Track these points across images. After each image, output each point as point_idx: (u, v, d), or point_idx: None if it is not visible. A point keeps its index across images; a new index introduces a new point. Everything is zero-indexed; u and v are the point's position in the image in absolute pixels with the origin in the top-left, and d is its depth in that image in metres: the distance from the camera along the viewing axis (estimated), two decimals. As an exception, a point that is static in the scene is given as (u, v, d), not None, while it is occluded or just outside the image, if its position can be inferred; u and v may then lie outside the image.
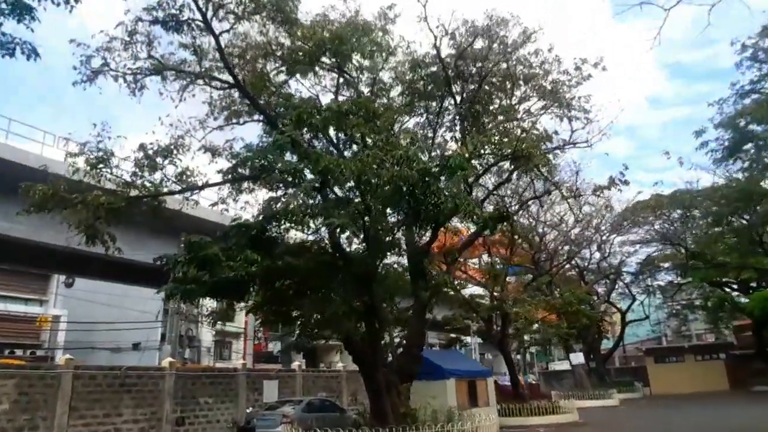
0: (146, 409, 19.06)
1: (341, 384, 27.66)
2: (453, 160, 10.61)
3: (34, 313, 35.06)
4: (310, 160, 10.69)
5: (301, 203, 10.15)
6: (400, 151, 10.44)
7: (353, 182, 10.82)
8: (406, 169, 10.00)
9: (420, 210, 10.91)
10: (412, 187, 10.25)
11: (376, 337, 13.98)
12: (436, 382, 17.02)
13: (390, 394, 14.07)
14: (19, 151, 19.68)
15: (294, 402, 19.21)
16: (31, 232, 21.56)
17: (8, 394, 15.85)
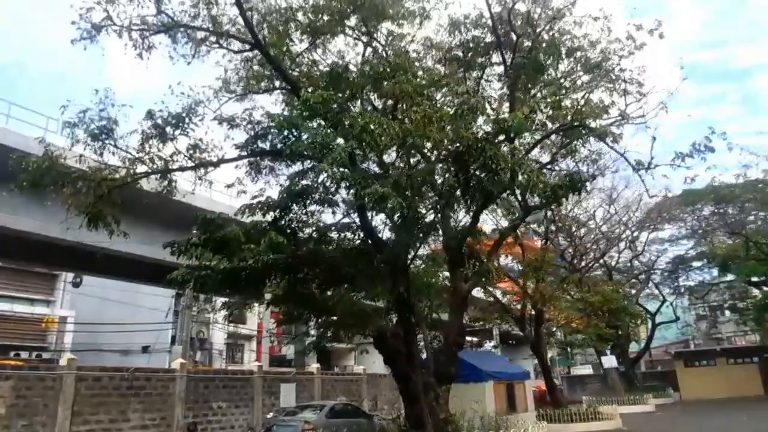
0: (155, 414, 17.59)
1: (361, 387, 26.09)
2: (512, 121, 9.05)
3: (41, 313, 33.74)
4: (343, 125, 9.15)
5: (334, 173, 8.62)
6: (450, 111, 8.93)
7: (396, 148, 9.30)
8: (460, 130, 8.48)
9: (471, 180, 9.36)
10: (465, 151, 8.72)
11: (411, 334, 12.42)
12: (472, 384, 15.45)
13: (427, 398, 12.48)
14: (19, 136, 18.30)
15: (315, 407, 17.64)
16: (37, 226, 20.23)
17: (4, 398, 14.42)
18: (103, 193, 10.51)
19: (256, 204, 10.30)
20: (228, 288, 10.91)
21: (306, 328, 18.29)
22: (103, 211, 10.90)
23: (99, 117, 10.41)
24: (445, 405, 12.85)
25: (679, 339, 54.16)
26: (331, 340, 16.17)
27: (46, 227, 20.29)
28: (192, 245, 9.56)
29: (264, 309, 13.82)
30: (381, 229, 13.22)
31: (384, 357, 13.72)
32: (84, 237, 21.03)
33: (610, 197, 29.97)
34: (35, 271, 34.35)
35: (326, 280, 11.76)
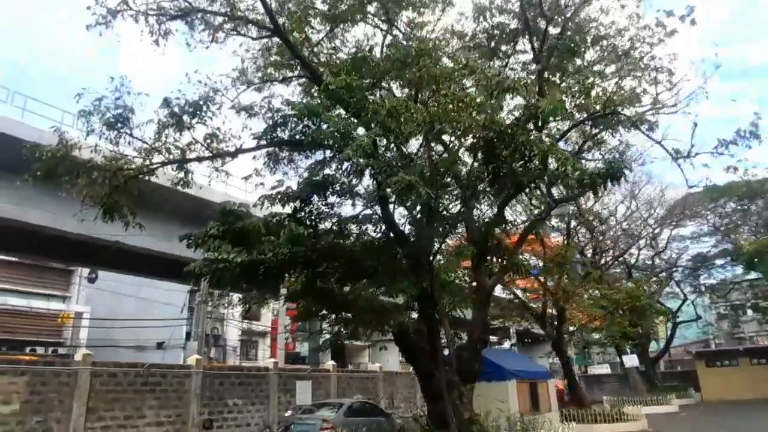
0: (171, 411, 17.32)
1: (378, 385, 25.69)
2: (545, 105, 8.55)
3: (57, 309, 33.75)
4: (366, 111, 8.73)
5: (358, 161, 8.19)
6: (479, 97, 8.47)
7: (421, 135, 8.86)
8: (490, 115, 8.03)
9: (501, 168, 8.90)
10: (495, 138, 8.26)
11: (434, 330, 11.98)
12: (495, 383, 14.98)
13: (451, 396, 12.05)
14: (32, 129, 18.10)
15: (332, 405, 17.27)
16: (50, 220, 20.08)
17: (19, 393, 14.18)
18: (118, 183, 10.21)
19: (275, 195, 9.92)
20: (246, 282, 10.55)
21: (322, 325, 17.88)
22: (119, 202, 10.59)
23: (114, 105, 10.11)
24: (469, 404, 12.42)
25: (700, 338, 53.14)
26: (349, 337, 15.76)
27: (60, 220, 20.15)
28: (210, 237, 9.19)
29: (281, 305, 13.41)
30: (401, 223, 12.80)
31: (405, 354, 13.33)
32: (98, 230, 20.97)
33: (632, 193, 29.27)
34: (51, 267, 34.36)
35: (346, 274, 11.35)
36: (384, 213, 11.11)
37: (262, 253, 9.23)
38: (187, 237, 10.51)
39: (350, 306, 12.01)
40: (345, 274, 11.28)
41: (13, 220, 19.13)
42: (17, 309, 31.68)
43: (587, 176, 8.72)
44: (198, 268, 9.20)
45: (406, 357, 13.26)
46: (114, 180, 10.04)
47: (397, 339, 13.12)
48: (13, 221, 19.24)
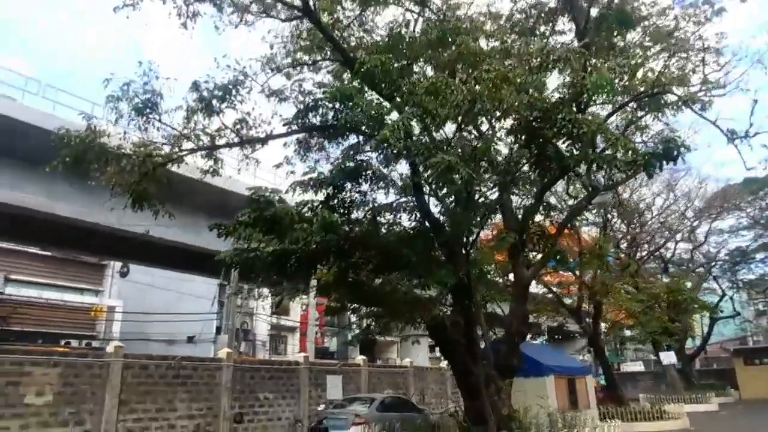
0: (202, 404, 17.21)
1: (408, 380, 25.30)
2: (594, 79, 7.96)
3: (90, 303, 34.23)
4: (402, 92, 8.30)
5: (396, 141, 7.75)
6: (522, 74, 7.95)
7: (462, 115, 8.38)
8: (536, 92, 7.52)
9: (545, 150, 8.38)
10: (540, 117, 7.75)
11: (471, 323, 11.51)
12: (533, 379, 14.44)
13: (488, 392, 11.57)
14: (65, 122, 18.13)
15: (364, 400, 16.95)
16: (81, 213, 20.19)
17: (52, 385, 14.19)
18: (147, 170, 9.98)
19: (307, 181, 9.57)
20: (277, 272, 10.23)
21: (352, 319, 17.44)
22: (148, 189, 10.37)
23: (143, 90, 9.87)
24: (507, 400, 11.93)
25: (737, 335, 51.42)
26: (381, 331, 15.40)
27: (90, 213, 20.23)
28: (240, 224, 8.88)
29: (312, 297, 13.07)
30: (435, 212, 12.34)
31: (441, 348, 12.92)
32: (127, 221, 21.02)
33: (669, 184, 28.20)
34: (84, 262, 34.91)
35: (379, 265, 10.95)
36: (418, 200, 10.67)
37: (294, 242, 8.88)
38: (217, 226, 10.23)
39: (384, 298, 11.62)
40: (378, 264, 10.88)
41: (43, 212, 19.23)
42: (52, 302, 32.17)
43: (640, 156, 8.11)
44: (228, 257, 8.91)
45: (442, 351, 12.83)
46: (143, 167, 9.82)
47: (432, 332, 12.71)
48: (43, 214, 19.35)
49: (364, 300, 11.54)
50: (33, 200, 18.96)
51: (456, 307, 12.06)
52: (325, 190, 9.79)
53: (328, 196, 9.66)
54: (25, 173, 19.08)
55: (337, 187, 9.63)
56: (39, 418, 13.61)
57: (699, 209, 31.84)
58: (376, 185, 10.53)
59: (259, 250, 9.18)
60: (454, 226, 10.73)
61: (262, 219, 8.78)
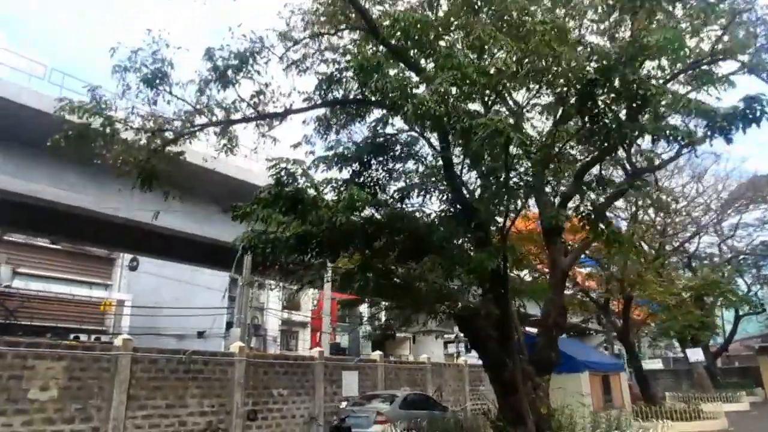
0: (214, 400, 16.44)
1: (426, 377, 24.45)
2: (664, 33, 6.98)
3: (99, 297, 33.63)
4: (438, 55, 7.40)
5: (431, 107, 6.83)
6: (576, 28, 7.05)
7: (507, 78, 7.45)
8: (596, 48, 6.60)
9: (602, 116, 7.44)
10: (597, 77, 6.83)
11: (505, 313, 10.60)
12: (567, 375, 13.54)
13: (525, 389, 10.67)
14: (73, 106, 17.42)
15: (384, 397, 16.12)
16: (90, 202, 19.46)
17: (57, 379, 13.44)
18: (157, 147, 9.13)
19: (331, 156, 8.69)
20: (298, 255, 9.37)
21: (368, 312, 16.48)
22: (157, 168, 9.54)
23: (152, 59, 9.02)
24: (546, 397, 11.02)
25: (761, 333, 50.00)
26: (403, 324, 14.57)
27: (99, 203, 19.51)
28: (260, 202, 8.01)
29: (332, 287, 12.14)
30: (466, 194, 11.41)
31: (470, 342, 12.04)
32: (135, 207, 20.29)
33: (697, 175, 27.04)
34: (94, 255, 34.36)
35: (408, 250, 10.06)
36: (450, 179, 9.75)
37: (318, 222, 8.03)
38: (233, 208, 9.36)
39: (412, 288, 10.74)
40: (407, 249, 9.98)
41: (50, 201, 18.52)
42: (61, 296, 31.61)
43: (720, 118, 7.12)
44: (246, 239, 8.05)
45: (472, 344, 11.95)
46: (152, 142, 8.98)
47: (462, 325, 11.86)
48: (50, 203, 18.65)
49: (389, 290, 10.64)
50: (39, 189, 18.23)
51: (487, 296, 11.13)
52: (350, 168, 8.90)
53: (354, 173, 8.77)
54: (30, 161, 18.37)
55: (364, 163, 8.74)
56: (43, 415, 12.90)
57: (726, 201, 30.60)
58: (404, 162, 9.64)
59: (279, 232, 8.32)
60: (489, 208, 9.81)
61: (284, 196, 7.93)
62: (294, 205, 8.00)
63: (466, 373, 26.72)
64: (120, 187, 10.02)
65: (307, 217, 8.12)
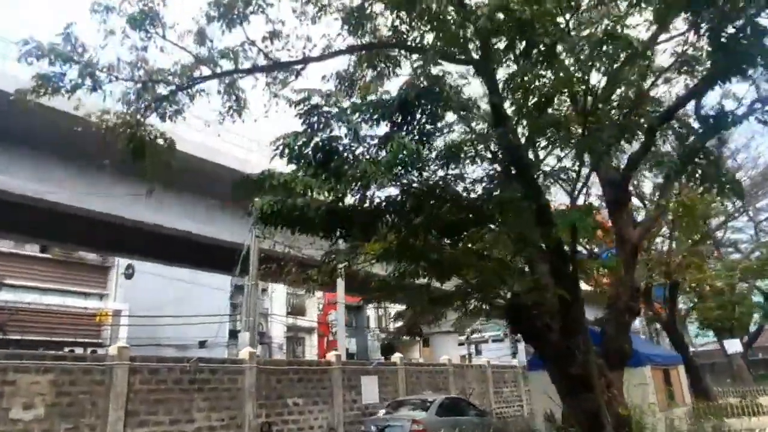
0: (223, 413, 14.66)
1: (448, 380, 22.68)
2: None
3: (94, 307, 31.75)
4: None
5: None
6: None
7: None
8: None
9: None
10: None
11: (573, 297, 8.87)
12: (630, 369, 11.71)
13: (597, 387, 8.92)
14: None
15: (414, 403, 14.36)
16: (79, 199, 17.64)
17: (43, 395, 11.66)
18: (148, 103, 7.38)
19: (367, 104, 6.94)
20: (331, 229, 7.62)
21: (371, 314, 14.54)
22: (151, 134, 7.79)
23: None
24: (620, 396, 9.30)
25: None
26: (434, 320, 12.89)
27: (88, 200, 17.69)
28: (289, 150, 6.22)
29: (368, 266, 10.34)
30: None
31: (525, 334, 10.29)
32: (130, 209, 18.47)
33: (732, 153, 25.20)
34: (87, 264, 32.53)
35: (452, 226, 8.30)
36: (502, 135, 8.01)
37: (357, 179, 6.28)
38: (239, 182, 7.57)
39: (456, 268, 9.01)
40: (452, 225, 8.23)
41: (32, 198, 16.68)
42: (53, 308, 29.72)
43: None
44: (268, 204, 6.29)
45: (527, 337, 10.20)
46: (143, 96, 7.23)
47: (512, 314, 10.11)
48: (33, 200, 16.80)
49: (434, 270, 8.87)
50: (20, 185, 16.42)
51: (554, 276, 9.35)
52: (388, 120, 7.16)
53: (394, 125, 7.04)
54: (9, 154, 16.57)
55: (407, 113, 7.00)
56: (27, 438, 11.15)
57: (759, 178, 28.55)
58: (455, 112, 7.90)
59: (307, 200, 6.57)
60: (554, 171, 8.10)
61: (315, 147, 6.20)
62: (327, 160, 6.29)
63: (489, 375, 24.95)
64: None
65: (342, 177, 6.38)
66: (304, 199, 6.46)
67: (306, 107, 6.32)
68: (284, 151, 6.28)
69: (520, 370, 27.46)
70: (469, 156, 8.35)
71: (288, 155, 6.32)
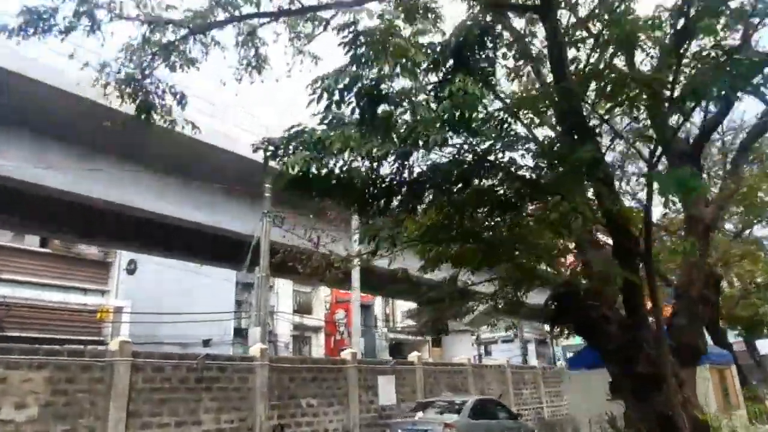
0: (232, 414, 13.55)
1: (467, 380, 21.53)
2: None
3: (94, 304, 30.62)
4: None
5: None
6: None
7: None
8: None
9: None
10: None
11: (635, 283, 7.72)
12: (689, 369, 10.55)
13: (669, 387, 7.76)
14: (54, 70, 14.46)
15: (441, 406, 13.20)
16: (78, 186, 16.50)
17: (37, 394, 10.54)
18: (154, 51, 6.24)
19: (418, 45, 5.74)
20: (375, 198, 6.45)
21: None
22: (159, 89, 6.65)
23: None
24: (694, 398, 8.14)
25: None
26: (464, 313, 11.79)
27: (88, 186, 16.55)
28: (328, 93, 5.05)
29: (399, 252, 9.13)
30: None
31: (577, 326, 9.15)
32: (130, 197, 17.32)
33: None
34: (87, 259, 31.44)
35: (505, 200, 7.13)
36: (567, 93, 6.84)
37: (410, 133, 5.14)
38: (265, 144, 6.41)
39: (507, 249, 7.86)
40: (507, 198, 7.06)
41: (30, 184, 15.54)
42: (52, 304, 28.60)
43: None
44: (303, 161, 5.09)
45: (579, 329, 9.06)
46: (152, 40, 6.09)
47: (562, 302, 9.01)
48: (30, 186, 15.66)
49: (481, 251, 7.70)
50: (16, 169, 15.29)
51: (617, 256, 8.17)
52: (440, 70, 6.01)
53: (447, 72, 5.87)
54: (7, 136, 15.46)
55: (465, 58, 5.85)
56: (19, 441, 10.05)
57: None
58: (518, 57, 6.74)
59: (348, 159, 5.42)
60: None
61: (360, 91, 5.04)
62: (373, 110, 5.15)
63: (509, 376, 23.77)
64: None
65: (391, 131, 5.23)
66: (342, 156, 5.30)
67: (351, 33, 5.11)
68: (323, 96, 5.11)
69: (540, 371, 26.31)
70: (527, 117, 7.19)
71: (327, 100, 5.16)
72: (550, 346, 55.56)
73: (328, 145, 5.46)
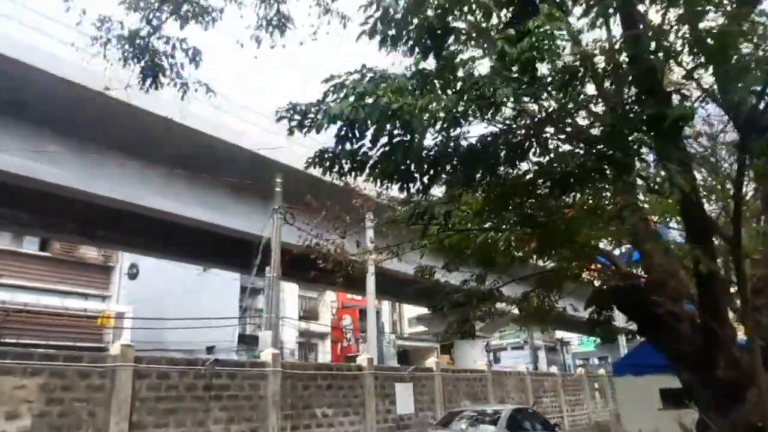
0: (243, 425, 12.52)
1: (486, 387, 20.46)
2: None
3: (95, 309, 29.63)
4: None
5: None
6: None
7: None
8: None
9: None
10: None
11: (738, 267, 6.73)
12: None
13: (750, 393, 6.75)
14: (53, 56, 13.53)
15: (471, 416, 12.14)
16: (78, 180, 15.53)
17: (30, 402, 9.52)
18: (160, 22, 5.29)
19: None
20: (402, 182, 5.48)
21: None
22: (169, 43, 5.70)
23: None
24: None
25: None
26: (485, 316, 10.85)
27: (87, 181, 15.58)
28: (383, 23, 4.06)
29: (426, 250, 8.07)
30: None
31: (640, 323, 8.14)
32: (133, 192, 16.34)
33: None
34: (88, 263, 30.51)
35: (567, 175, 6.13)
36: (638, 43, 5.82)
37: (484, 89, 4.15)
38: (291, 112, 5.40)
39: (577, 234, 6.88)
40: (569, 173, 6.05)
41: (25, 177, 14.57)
42: (52, 310, 27.62)
43: None
44: (344, 108, 4.09)
45: (642, 327, 8.05)
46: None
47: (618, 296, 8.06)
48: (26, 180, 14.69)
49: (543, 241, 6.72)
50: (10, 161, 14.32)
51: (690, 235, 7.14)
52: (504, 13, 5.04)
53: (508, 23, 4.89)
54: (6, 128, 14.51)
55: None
56: (8, 456, 9.04)
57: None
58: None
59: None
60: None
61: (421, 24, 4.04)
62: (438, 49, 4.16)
63: (528, 383, 22.69)
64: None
65: (453, 80, 4.26)
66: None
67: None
68: (376, 28, 4.13)
69: (560, 379, 25.20)
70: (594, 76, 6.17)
71: (381, 36, 4.18)
72: (560, 353, 54.52)
73: (376, 98, 4.47)
